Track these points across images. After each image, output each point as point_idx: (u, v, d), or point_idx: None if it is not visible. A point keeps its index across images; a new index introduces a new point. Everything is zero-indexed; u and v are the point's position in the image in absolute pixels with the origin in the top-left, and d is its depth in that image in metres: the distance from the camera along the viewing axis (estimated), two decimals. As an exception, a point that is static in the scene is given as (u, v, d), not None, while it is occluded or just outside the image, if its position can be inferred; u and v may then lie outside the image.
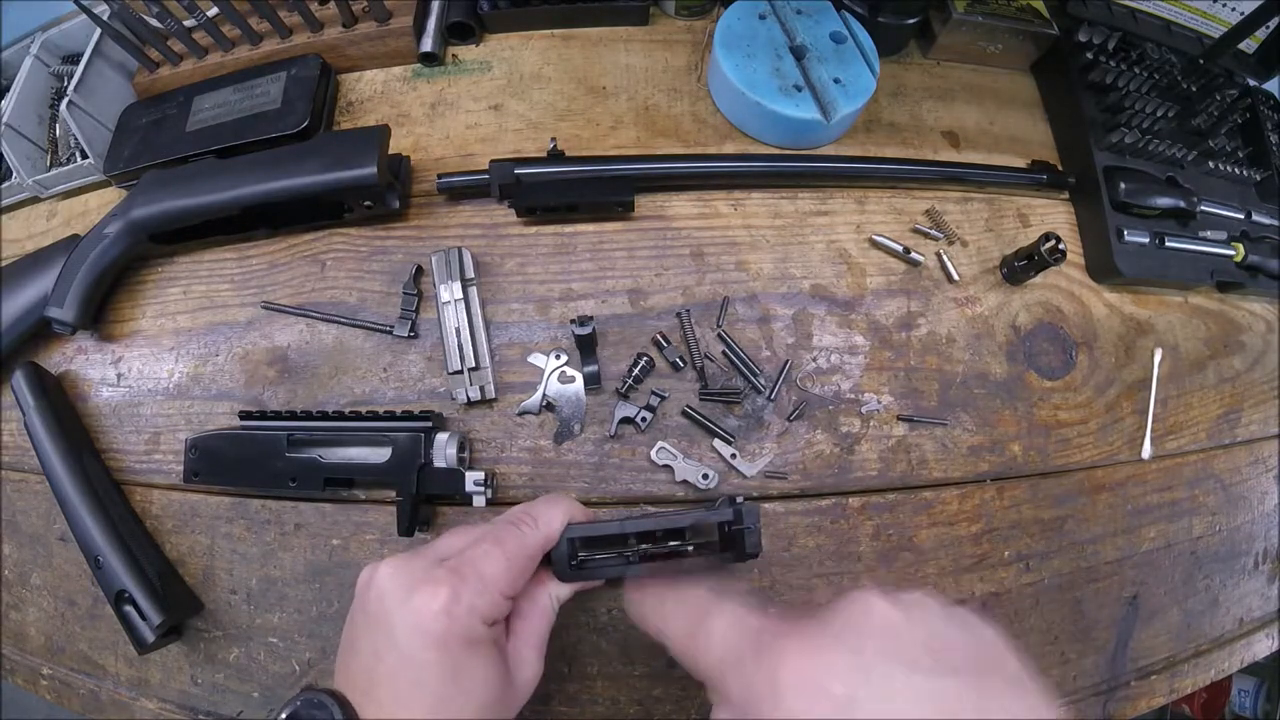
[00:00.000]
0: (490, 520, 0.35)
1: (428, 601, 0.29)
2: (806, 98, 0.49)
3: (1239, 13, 0.55)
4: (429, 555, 0.31)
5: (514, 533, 0.32)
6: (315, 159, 0.45)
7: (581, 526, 0.35)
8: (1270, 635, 0.53)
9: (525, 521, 0.33)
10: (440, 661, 0.28)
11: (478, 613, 0.29)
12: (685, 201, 0.50)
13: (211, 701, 0.45)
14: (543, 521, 0.34)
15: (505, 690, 0.31)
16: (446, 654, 0.28)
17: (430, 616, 0.28)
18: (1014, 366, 0.50)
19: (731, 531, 0.35)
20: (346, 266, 0.49)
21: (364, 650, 0.30)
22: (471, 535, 0.33)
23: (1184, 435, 0.53)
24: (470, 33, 0.55)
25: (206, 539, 0.46)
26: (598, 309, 0.48)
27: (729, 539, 0.36)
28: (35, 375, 0.47)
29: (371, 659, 0.29)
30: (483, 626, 0.30)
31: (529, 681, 0.33)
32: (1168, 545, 0.50)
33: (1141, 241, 0.52)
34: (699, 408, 0.45)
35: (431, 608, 0.28)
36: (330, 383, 0.47)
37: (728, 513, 0.35)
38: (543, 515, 0.34)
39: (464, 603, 0.29)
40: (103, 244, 0.47)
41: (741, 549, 0.34)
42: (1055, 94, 0.58)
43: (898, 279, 0.50)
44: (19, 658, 0.49)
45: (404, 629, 0.29)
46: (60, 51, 0.58)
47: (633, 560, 0.35)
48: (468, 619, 0.29)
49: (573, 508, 0.35)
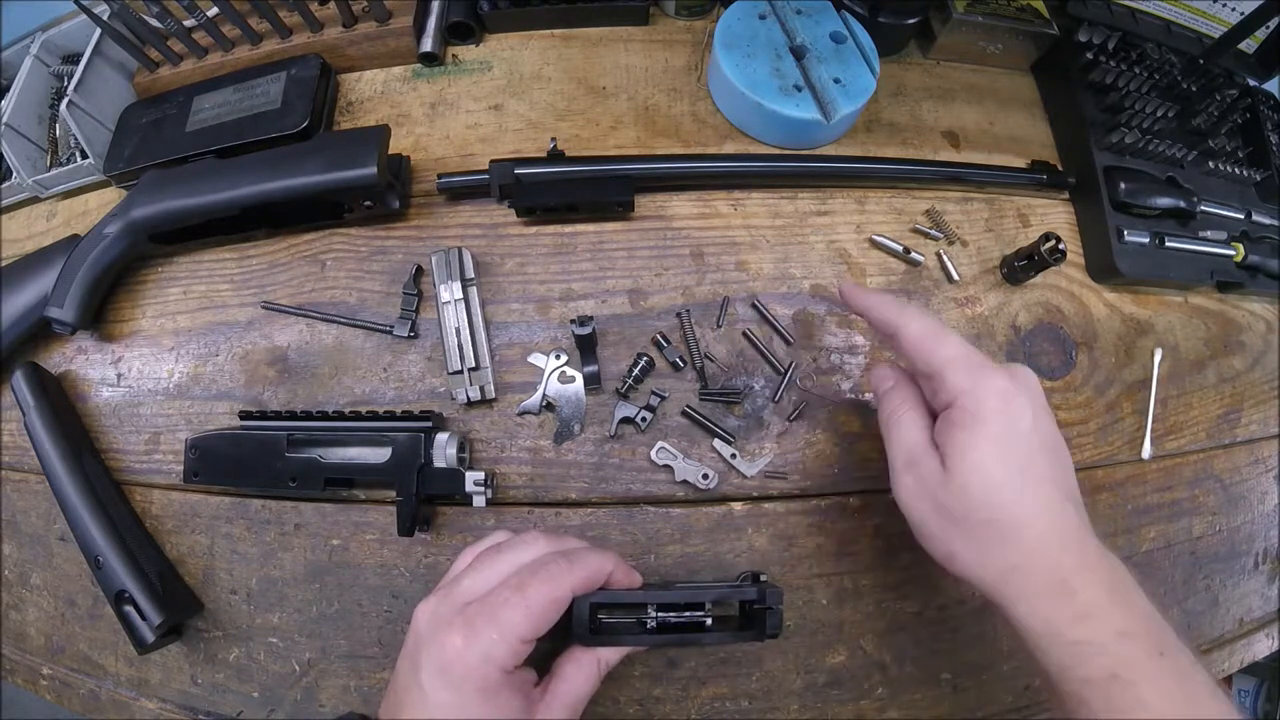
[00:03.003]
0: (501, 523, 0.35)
1: (444, 646, 0.30)
2: (806, 98, 0.49)
3: (1239, 13, 0.55)
4: (456, 596, 0.32)
5: (540, 577, 0.32)
6: (315, 159, 0.45)
7: (606, 592, 0.35)
8: (1270, 635, 0.53)
9: (556, 565, 0.33)
10: (454, 704, 0.30)
11: (494, 661, 0.30)
12: (685, 201, 0.50)
13: (211, 701, 0.45)
14: (578, 567, 0.33)
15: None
16: (460, 697, 0.30)
17: (446, 661, 0.30)
18: (1014, 366, 0.50)
19: (754, 610, 0.36)
20: (346, 266, 0.49)
21: (399, 680, 0.33)
22: (498, 572, 0.33)
23: (1184, 435, 0.53)
24: (470, 33, 0.55)
25: (206, 539, 0.46)
26: (598, 309, 0.48)
27: (750, 617, 0.36)
28: (35, 375, 0.47)
29: (403, 690, 0.32)
30: (500, 673, 0.30)
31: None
32: (1168, 545, 0.50)
33: (1141, 241, 0.52)
34: (699, 408, 0.45)
35: (447, 654, 0.30)
36: (330, 383, 0.47)
37: (751, 591, 0.36)
38: (580, 561, 0.33)
39: (478, 650, 0.30)
40: (103, 244, 0.47)
41: (763, 628, 0.35)
42: (1055, 94, 0.58)
43: (898, 279, 0.50)
44: (19, 658, 0.49)
45: (426, 669, 0.30)
46: (60, 51, 0.58)
47: (652, 630, 0.35)
48: (483, 667, 0.30)
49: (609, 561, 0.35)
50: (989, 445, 0.32)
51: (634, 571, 0.36)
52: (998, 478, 0.32)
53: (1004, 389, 0.33)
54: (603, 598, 0.34)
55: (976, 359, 0.34)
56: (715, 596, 0.36)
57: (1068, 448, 0.35)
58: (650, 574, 0.44)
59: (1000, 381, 0.33)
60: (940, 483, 0.33)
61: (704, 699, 0.43)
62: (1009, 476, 0.32)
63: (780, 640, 0.43)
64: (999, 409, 0.33)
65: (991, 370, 0.34)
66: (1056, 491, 0.33)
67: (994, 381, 0.33)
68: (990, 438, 0.32)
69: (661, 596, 0.36)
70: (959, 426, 0.33)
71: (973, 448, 0.33)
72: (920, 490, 0.34)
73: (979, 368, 0.34)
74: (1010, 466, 0.32)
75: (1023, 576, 0.31)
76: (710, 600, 0.36)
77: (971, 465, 0.32)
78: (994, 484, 0.32)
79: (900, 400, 0.37)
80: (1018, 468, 0.32)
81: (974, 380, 0.33)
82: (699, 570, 0.44)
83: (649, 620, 0.35)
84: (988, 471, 0.32)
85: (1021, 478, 0.32)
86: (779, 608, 0.35)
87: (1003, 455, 0.32)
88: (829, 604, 0.44)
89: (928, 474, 0.34)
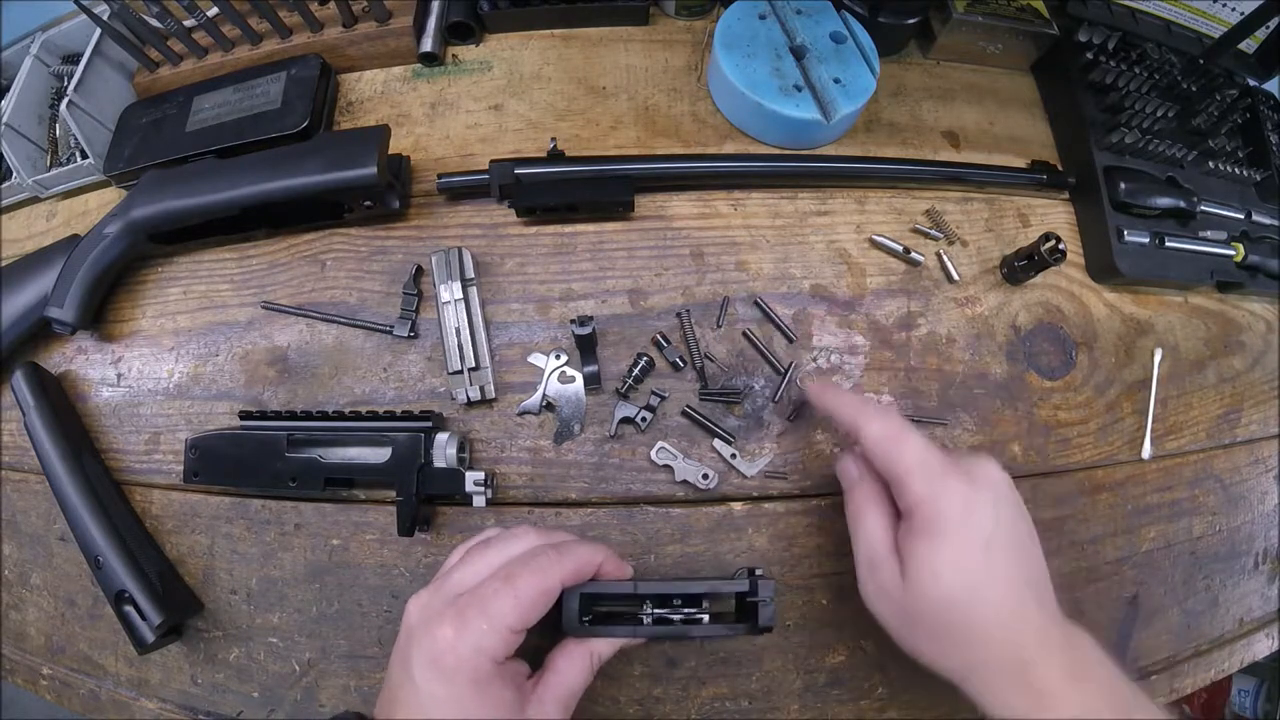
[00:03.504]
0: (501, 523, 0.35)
1: (435, 638, 0.30)
2: (806, 98, 0.49)
3: (1239, 13, 0.55)
4: (446, 589, 0.33)
5: (529, 568, 0.32)
6: (315, 159, 0.45)
7: (595, 584, 0.35)
8: (1270, 635, 0.53)
9: (545, 556, 0.33)
10: (447, 696, 0.30)
11: (485, 652, 0.30)
12: (685, 201, 0.50)
13: (211, 701, 0.45)
14: (567, 558, 0.33)
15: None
16: (452, 689, 0.30)
17: (438, 653, 0.30)
18: (1014, 366, 0.50)
19: (747, 603, 0.36)
20: (346, 266, 0.49)
21: (393, 676, 0.33)
22: (488, 564, 0.33)
23: (1184, 435, 0.53)
24: (470, 33, 0.55)
25: (206, 539, 0.46)
26: (598, 309, 0.48)
27: (745, 609, 0.36)
28: (35, 375, 0.47)
29: (396, 685, 0.32)
30: (491, 664, 0.31)
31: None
32: (1168, 545, 0.50)
33: (1141, 241, 0.52)
34: (699, 408, 0.45)
35: (438, 645, 0.30)
36: (330, 383, 0.47)
37: (744, 584, 0.36)
38: (569, 553, 0.34)
39: (468, 642, 0.30)
40: (103, 244, 0.47)
41: (755, 621, 0.35)
42: (1055, 94, 0.58)
43: (898, 279, 0.50)
44: (19, 658, 0.49)
45: (418, 663, 0.31)
46: (60, 51, 0.58)
47: (645, 623, 0.35)
48: (474, 658, 0.30)
49: (599, 552, 0.35)
50: (948, 554, 0.33)
51: (625, 563, 0.37)
52: (955, 585, 0.33)
53: (965, 497, 0.34)
54: (592, 588, 0.34)
55: (936, 466, 0.34)
56: (706, 589, 0.36)
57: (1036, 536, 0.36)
58: (650, 574, 0.44)
59: (960, 489, 0.34)
60: (899, 587, 0.34)
61: (704, 699, 0.43)
62: (967, 582, 0.33)
63: (780, 640, 0.44)
64: (959, 520, 0.33)
65: (953, 477, 0.34)
66: (1016, 586, 0.34)
67: (954, 490, 0.34)
68: (949, 548, 0.33)
69: (651, 587, 0.36)
70: (918, 535, 0.34)
71: (931, 557, 0.33)
72: (881, 593, 0.36)
73: (939, 476, 0.34)
74: (968, 573, 0.33)
75: (983, 671, 0.33)
76: (703, 591, 0.36)
77: (931, 574, 0.33)
78: (951, 592, 0.33)
79: (864, 498, 0.38)
80: (977, 572, 0.33)
81: (933, 490, 0.34)
82: (699, 570, 0.44)
83: (644, 615, 0.35)
84: (945, 581, 0.33)
85: (980, 580, 0.33)
86: (772, 600, 0.35)
87: (960, 563, 0.33)
88: (829, 604, 0.44)
89: (887, 579, 0.35)
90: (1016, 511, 0.36)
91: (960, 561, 0.33)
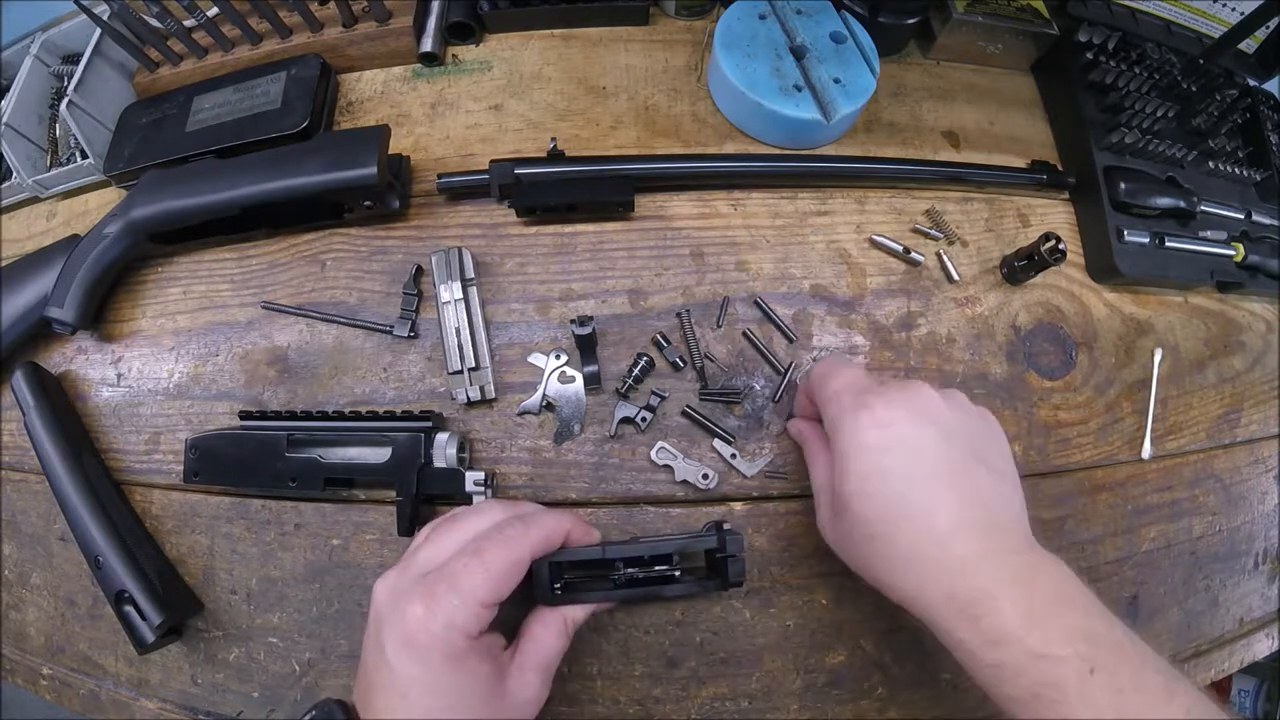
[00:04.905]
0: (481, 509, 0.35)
1: (406, 617, 0.30)
2: (806, 98, 0.49)
3: (1239, 13, 0.55)
4: (413, 568, 0.32)
5: (496, 540, 0.32)
6: (315, 159, 0.45)
7: (564, 551, 0.35)
8: (1270, 635, 0.53)
9: (512, 528, 0.33)
10: (423, 676, 0.29)
11: (458, 628, 0.30)
12: (685, 201, 0.50)
13: (211, 701, 0.45)
14: (534, 528, 0.33)
15: (497, 706, 0.32)
16: (428, 668, 0.29)
17: (410, 633, 0.30)
18: (1014, 366, 0.50)
19: (716, 559, 0.36)
20: (346, 266, 0.49)
21: (367, 661, 0.32)
22: (455, 540, 0.33)
23: (1184, 435, 0.53)
24: (470, 33, 0.55)
25: (206, 539, 0.46)
26: (598, 309, 0.48)
27: (714, 565, 0.36)
28: (35, 375, 0.47)
29: (371, 670, 0.31)
30: (465, 639, 0.30)
31: (529, 702, 0.33)
32: (1168, 545, 0.50)
33: (1141, 241, 0.52)
34: (699, 408, 0.45)
35: (410, 625, 0.30)
36: (330, 383, 0.47)
37: (711, 540, 0.36)
38: (535, 523, 0.33)
39: (440, 618, 0.29)
40: (103, 244, 0.47)
41: (725, 576, 0.35)
42: (1055, 94, 0.58)
43: (898, 279, 0.50)
44: (19, 658, 0.49)
45: (390, 643, 0.30)
46: (60, 51, 0.58)
47: (618, 585, 0.35)
48: (447, 635, 0.30)
49: (566, 520, 0.35)
50: (853, 482, 0.33)
51: (592, 529, 0.37)
52: (866, 509, 0.33)
53: (881, 420, 0.33)
54: (562, 556, 0.34)
55: (852, 394, 0.34)
56: (676, 546, 0.36)
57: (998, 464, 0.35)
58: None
59: (878, 413, 0.33)
60: (831, 518, 0.36)
61: (704, 699, 0.43)
62: (881, 510, 0.32)
63: (780, 640, 0.44)
64: (869, 444, 0.33)
65: (873, 400, 0.33)
66: (950, 508, 0.32)
67: (870, 414, 0.33)
68: (856, 474, 0.33)
69: (620, 550, 0.35)
70: (836, 461, 0.34)
71: (842, 483, 0.34)
72: (826, 526, 0.37)
73: (850, 403, 0.34)
74: (886, 501, 0.32)
75: (926, 603, 0.31)
76: (673, 550, 0.36)
77: (843, 498, 0.34)
78: (865, 512, 0.33)
79: (814, 447, 0.39)
80: (889, 496, 0.32)
81: (842, 415, 0.34)
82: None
83: (616, 578, 0.35)
84: (855, 506, 0.33)
85: (894, 502, 0.32)
86: (741, 554, 0.35)
87: (868, 487, 0.33)
88: (829, 604, 0.44)
89: (825, 512, 0.37)
90: (953, 433, 0.33)
91: (868, 485, 0.32)
